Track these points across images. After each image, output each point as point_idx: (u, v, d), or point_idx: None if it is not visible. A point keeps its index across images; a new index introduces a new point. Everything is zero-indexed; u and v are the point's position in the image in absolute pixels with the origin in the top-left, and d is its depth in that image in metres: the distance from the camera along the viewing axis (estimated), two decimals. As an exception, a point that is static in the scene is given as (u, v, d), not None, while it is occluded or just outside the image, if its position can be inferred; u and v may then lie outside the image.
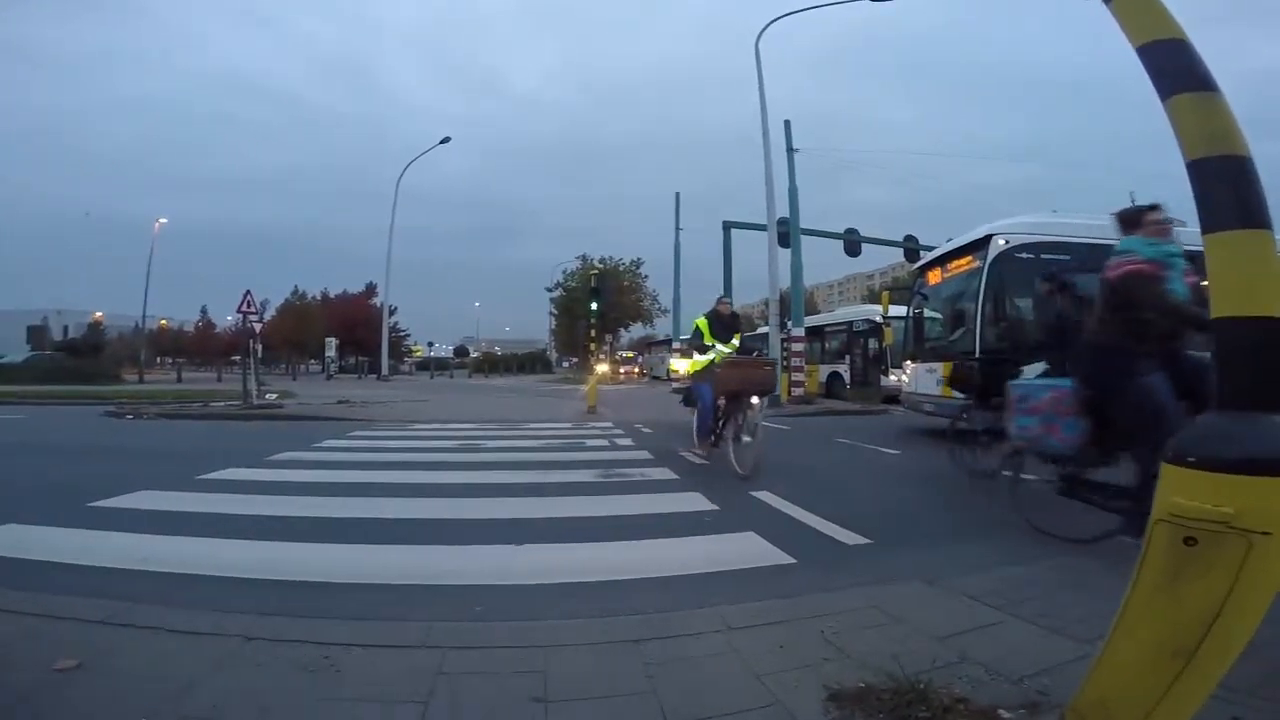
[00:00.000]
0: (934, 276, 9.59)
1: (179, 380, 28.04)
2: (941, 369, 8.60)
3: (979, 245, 8.09)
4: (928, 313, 9.88)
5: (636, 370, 43.82)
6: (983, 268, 7.81)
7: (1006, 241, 7.72)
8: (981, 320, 7.71)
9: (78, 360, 27.42)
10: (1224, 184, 1.36)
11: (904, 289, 13.40)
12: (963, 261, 8.63)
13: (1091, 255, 7.70)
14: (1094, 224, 8.27)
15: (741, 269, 23.55)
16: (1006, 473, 4.19)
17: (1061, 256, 7.71)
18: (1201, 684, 1.26)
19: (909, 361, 10.08)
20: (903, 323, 11.10)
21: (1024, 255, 7.68)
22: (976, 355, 7.55)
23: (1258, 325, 1.28)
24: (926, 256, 11.15)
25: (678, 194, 29.08)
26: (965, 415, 6.24)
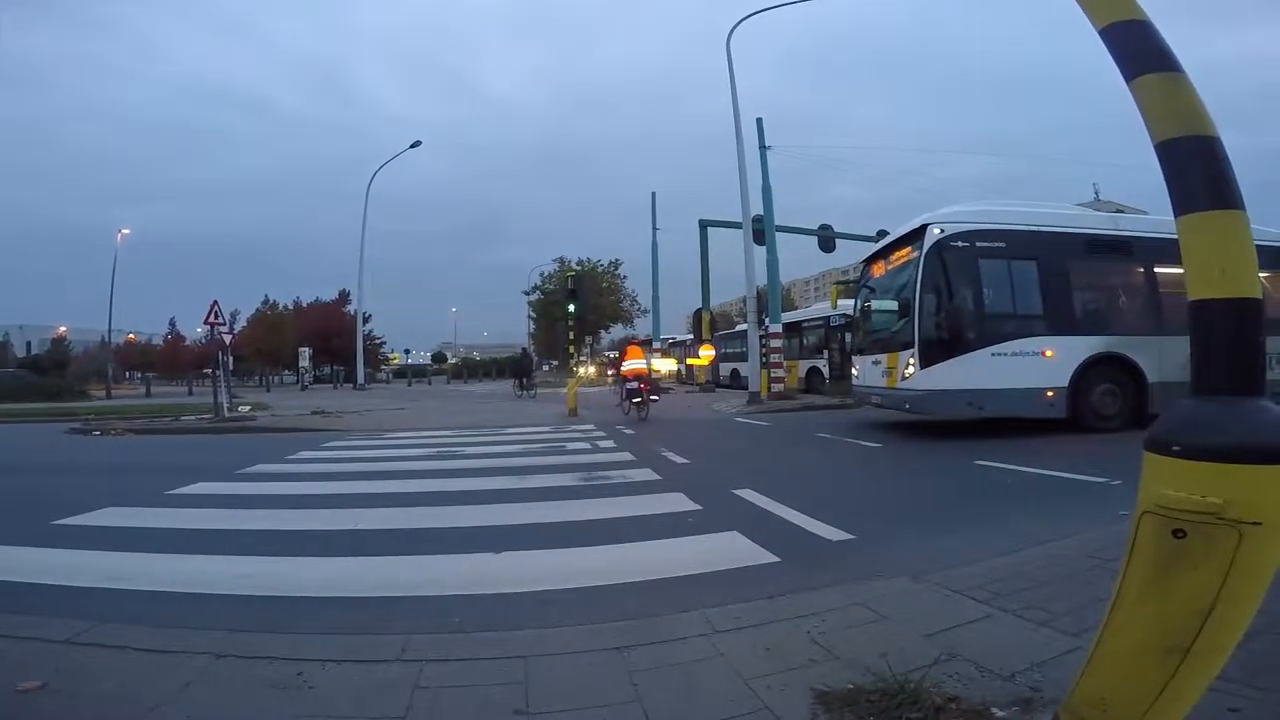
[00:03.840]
0: (878, 269, 9.57)
1: (148, 395, 27.51)
2: (886, 360, 8.59)
3: (915, 235, 8.09)
4: (874, 305, 9.83)
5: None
6: (919, 258, 7.81)
7: (941, 230, 7.72)
8: (920, 310, 7.70)
9: (42, 376, 26.80)
10: (1195, 165, 1.34)
11: (854, 284, 13.39)
12: (903, 253, 8.62)
13: (1026, 241, 7.73)
14: (1031, 211, 8.28)
15: (719, 267, 23.60)
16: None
17: (997, 244, 7.75)
18: (1199, 678, 1.24)
19: (856, 355, 10.04)
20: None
21: (959, 244, 7.69)
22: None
23: (1235, 307, 1.26)
24: (870, 249, 11.09)
25: (654, 194, 28.86)
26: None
